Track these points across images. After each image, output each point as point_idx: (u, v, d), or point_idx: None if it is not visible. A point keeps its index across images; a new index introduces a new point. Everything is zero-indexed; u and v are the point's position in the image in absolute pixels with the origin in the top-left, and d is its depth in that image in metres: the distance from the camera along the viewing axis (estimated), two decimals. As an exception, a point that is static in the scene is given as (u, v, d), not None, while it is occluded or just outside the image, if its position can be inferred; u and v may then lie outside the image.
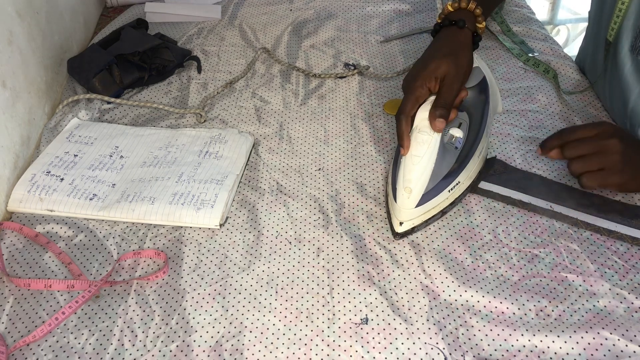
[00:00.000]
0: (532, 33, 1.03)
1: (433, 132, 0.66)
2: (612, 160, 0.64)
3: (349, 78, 0.95)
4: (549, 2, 2.24)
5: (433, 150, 0.66)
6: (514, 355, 0.56)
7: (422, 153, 0.65)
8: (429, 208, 0.66)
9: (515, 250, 0.66)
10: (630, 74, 0.76)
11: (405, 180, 0.64)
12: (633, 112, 0.77)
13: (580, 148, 0.66)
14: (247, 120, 0.87)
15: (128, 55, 0.92)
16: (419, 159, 0.65)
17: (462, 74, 0.70)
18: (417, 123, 0.68)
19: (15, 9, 0.80)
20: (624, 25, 0.75)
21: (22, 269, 0.65)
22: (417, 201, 0.64)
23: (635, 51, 0.75)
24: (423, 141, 0.66)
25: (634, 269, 0.63)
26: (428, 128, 0.67)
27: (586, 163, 0.66)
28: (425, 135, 0.66)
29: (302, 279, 0.64)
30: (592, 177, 0.65)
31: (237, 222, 0.71)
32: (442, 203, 0.67)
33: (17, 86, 0.78)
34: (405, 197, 0.64)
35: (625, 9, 0.74)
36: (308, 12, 1.12)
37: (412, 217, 0.65)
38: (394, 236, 0.67)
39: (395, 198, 0.65)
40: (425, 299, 0.61)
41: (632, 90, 0.76)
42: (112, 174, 0.76)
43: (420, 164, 0.65)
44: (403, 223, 0.66)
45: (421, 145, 0.66)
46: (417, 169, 0.65)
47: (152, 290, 0.63)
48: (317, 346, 0.57)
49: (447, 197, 0.67)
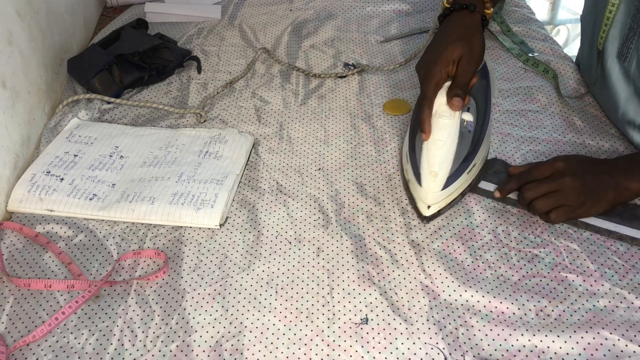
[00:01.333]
0: (532, 33, 1.03)
1: (453, 116, 0.68)
2: (572, 196, 0.66)
3: (349, 78, 0.95)
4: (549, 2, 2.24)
5: (454, 134, 0.68)
6: (514, 355, 0.56)
7: (444, 137, 0.67)
8: (453, 190, 0.68)
9: (515, 250, 0.66)
10: (618, 80, 0.78)
11: (430, 165, 0.66)
12: (623, 116, 0.78)
13: (539, 188, 0.67)
14: (247, 120, 0.87)
15: (128, 55, 0.92)
16: (442, 142, 0.67)
17: (476, 57, 0.72)
18: (436, 108, 0.69)
19: (15, 9, 0.80)
20: (611, 32, 0.77)
21: (22, 269, 0.65)
22: (442, 184, 0.66)
23: (622, 57, 0.76)
24: (445, 125, 0.68)
25: (634, 269, 0.63)
26: (448, 112, 0.69)
27: (549, 200, 0.67)
28: (446, 120, 0.68)
29: (302, 279, 0.64)
30: (559, 213, 0.66)
31: (237, 222, 0.71)
32: (462, 185, 0.69)
33: (17, 86, 0.78)
34: (432, 181, 0.66)
35: (612, 17, 0.76)
36: (308, 12, 1.12)
37: (439, 200, 0.67)
38: (422, 220, 0.69)
39: (420, 183, 0.67)
40: (425, 299, 0.61)
41: (620, 95, 0.78)
42: (112, 174, 0.76)
43: (444, 148, 0.67)
44: (431, 207, 0.67)
45: (443, 129, 0.68)
46: (440, 153, 0.67)
47: (152, 290, 0.63)
48: (317, 346, 0.57)
49: (466, 179, 0.69)
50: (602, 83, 0.81)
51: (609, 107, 0.82)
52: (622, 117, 0.78)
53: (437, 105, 0.69)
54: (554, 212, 0.66)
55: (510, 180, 0.71)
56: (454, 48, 0.70)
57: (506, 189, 0.71)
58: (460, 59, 0.71)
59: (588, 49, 0.88)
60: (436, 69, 0.70)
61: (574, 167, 0.68)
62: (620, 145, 0.79)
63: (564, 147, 0.79)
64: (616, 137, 0.80)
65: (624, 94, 0.77)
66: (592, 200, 0.66)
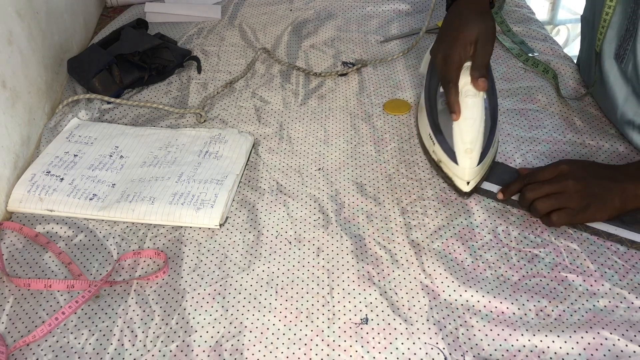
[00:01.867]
0: (532, 33, 1.03)
1: (478, 95, 0.72)
2: (574, 200, 0.66)
3: (349, 77, 0.95)
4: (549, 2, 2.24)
5: (482, 110, 0.72)
6: (514, 355, 0.56)
7: (474, 115, 0.71)
8: (486, 164, 0.72)
9: (515, 250, 0.66)
10: (616, 81, 0.78)
11: (465, 142, 0.70)
12: (622, 117, 0.78)
13: (541, 190, 0.67)
14: (247, 120, 0.87)
15: (128, 55, 0.92)
16: (472, 120, 0.71)
17: (491, 36, 0.74)
18: (460, 88, 0.73)
19: (15, 9, 0.80)
20: (609, 34, 0.78)
21: (22, 269, 0.65)
22: (477, 159, 0.70)
23: (619, 59, 0.77)
24: (473, 104, 0.71)
25: (634, 269, 0.63)
26: (472, 91, 0.72)
27: (550, 202, 0.66)
28: (472, 98, 0.72)
29: (302, 279, 0.64)
30: (560, 215, 0.66)
31: (237, 222, 0.71)
32: (491, 158, 0.74)
33: (17, 86, 0.78)
34: (468, 158, 0.70)
35: (609, 19, 0.76)
36: (308, 12, 1.12)
37: (476, 175, 0.71)
38: (463, 196, 0.72)
39: (457, 161, 0.70)
40: (425, 299, 0.61)
41: (619, 97, 0.78)
42: (112, 174, 0.76)
43: (475, 125, 0.71)
44: (470, 182, 0.71)
45: (471, 107, 0.71)
46: (473, 130, 0.70)
47: (152, 290, 0.63)
48: (317, 346, 0.57)
49: (492, 152, 0.73)
50: (600, 84, 0.82)
51: (608, 108, 0.82)
52: (622, 118, 0.78)
53: (461, 85, 0.73)
54: (555, 214, 0.66)
55: (514, 182, 0.71)
56: (470, 30, 0.72)
57: (510, 190, 0.71)
58: (477, 40, 0.72)
59: (587, 50, 0.89)
60: (455, 52, 0.72)
61: (578, 171, 0.67)
62: (620, 146, 0.79)
63: (563, 147, 0.79)
64: (616, 137, 0.80)
65: (622, 95, 0.77)
66: (596, 205, 0.65)
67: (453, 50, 0.73)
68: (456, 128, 0.71)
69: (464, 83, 0.72)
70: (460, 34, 0.73)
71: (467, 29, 0.73)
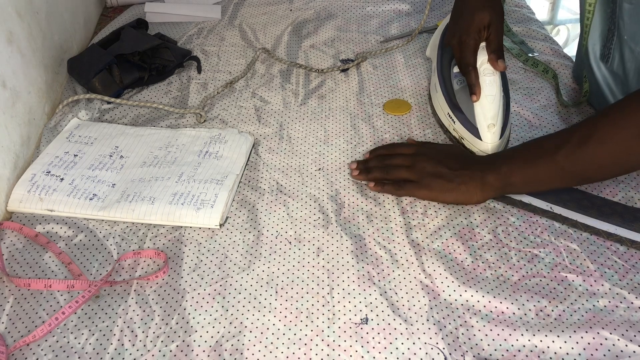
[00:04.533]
0: (532, 33, 1.03)
1: (495, 73, 0.76)
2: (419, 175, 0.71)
3: (349, 77, 0.95)
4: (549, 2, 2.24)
5: (500, 87, 0.76)
6: (514, 355, 0.56)
7: (494, 92, 0.75)
8: (506, 138, 0.77)
9: (515, 250, 0.66)
10: (603, 81, 0.80)
11: (487, 118, 0.74)
12: None
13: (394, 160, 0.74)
14: (247, 120, 0.87)
15: (128, 55, 0.92)
16: (492, 97, 0.75)
17: (502, 19, 0.79)
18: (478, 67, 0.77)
19: (15, 9, 0.80)
20: (592, 36, 0.80)
21: (22, 269, 0.65)
22: (499, 133, 0.74)
23: (604, 59, 0.78)
24: (491, 82, 0.76)
25: (634, 269, 0.63)
26: (489, 69, 0.76)
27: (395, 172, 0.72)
28: (490, 76, 0.76)
29: (302, 279, 0.64)
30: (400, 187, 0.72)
31: (237, 222, 0.71)
32: (509, 132, 0.78)
33: (17, 86, 0.78)
34: (491, 133, 0.74)
35: (589, 24, 0.79)
36: (308, 12, 1.12)
37: (499, 149, 0.75)
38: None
39: (481, 137, 0.75)
40: (425, 299, 0.61)
41: (606, 96, 0.80)
42: (112, 174, 0.76)
43: (495, 101, 0.75)
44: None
45: (490, 85, 0.75)
46: (494, 106, 0.75)
47: (152, 290, 0.63)
48: (317, 346, 0.57)
49: (509, 127, 0.77)
50: (591, 86, 0.82)
51: (603, 106, 0.82)
52: None
53: (478, 64, 0.77)
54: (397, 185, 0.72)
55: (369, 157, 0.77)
56: (482, 16, 0.77)
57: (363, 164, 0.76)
58: (490, 24, 0.77)
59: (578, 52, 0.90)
60: (471, 37, 0.77)
61: (427, 153, 0.73)
62: (620, 145, 0.79)
63: (564, 147, 0.79)
64: (616, 137, 0.80)
65: (613, 94, 0.78)
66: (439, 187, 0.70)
67: (469, 36, 0.77)
68: (478, 106, 0.75)
69: (480, 62, 0.77)
70: (474, 21, 0.77)
71: (480, 15, 0.77)
